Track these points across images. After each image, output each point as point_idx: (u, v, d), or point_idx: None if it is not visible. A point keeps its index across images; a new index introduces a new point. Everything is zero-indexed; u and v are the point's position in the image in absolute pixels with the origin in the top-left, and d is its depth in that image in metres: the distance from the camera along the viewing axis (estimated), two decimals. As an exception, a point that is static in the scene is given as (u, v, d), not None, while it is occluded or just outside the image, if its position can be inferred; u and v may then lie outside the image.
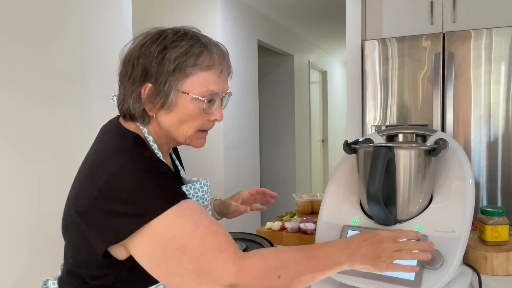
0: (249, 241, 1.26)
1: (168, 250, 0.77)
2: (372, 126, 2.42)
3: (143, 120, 0.91)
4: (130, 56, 0.89)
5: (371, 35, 2.61)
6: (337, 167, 1.13)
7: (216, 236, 0.78)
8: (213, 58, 0.90)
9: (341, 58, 7.01)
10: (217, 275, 0.76)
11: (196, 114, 0.89)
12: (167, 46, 0.86)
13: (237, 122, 3.77)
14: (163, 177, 0.81)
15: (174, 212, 0.77)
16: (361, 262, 0.81)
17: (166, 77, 0.86)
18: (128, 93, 0.89)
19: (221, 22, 3.51)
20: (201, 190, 0.99)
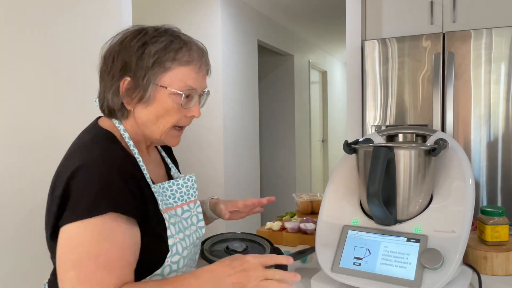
0: (249, 241, 1.26)
1: (69, 254, 0.78)
2: (372, 126, 2.42)
3: (122, 115, 0.92)
4: (110, 52, 0.91)
5: (371, 35, 2.61)
6: (337, 167, 1.13)
7: (105, 273, 0.77)
8: (192, 54, 0.91)
9: (341, 58, 7.01)
10: None
11: (173, 109, 0.90)
12: (147, 41, 0.88)
13: (237, 122, 3.77)
14: (115, 180, 0.80)
15: (94, 223, 0.78)
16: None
17: (145, 71, 0.87)
18: (108, 87, 0.90)
19: (221, 22, 3.51)
20: (185, 186, 1.00)
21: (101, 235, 0.78)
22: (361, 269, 0.94)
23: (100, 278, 0.77)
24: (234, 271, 0.80)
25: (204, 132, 3.57)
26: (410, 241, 0.94)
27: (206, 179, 3.59)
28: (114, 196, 0.80)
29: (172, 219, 0.92)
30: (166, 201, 0.94)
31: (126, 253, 0.81)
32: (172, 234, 0.90)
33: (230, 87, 3.64)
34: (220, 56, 3.49)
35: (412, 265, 0.91)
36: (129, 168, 0.85)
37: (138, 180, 0.86)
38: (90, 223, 0.78)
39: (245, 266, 0.80)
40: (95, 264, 0.77)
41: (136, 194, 0.84)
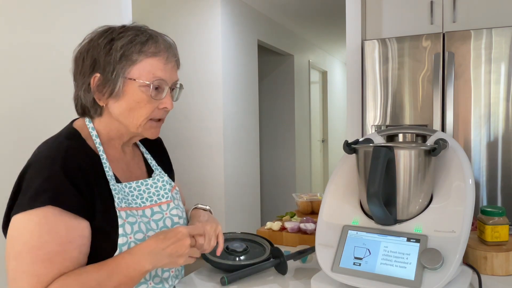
0: (249, 241, 1.26)
1: (10, 248, 0.81)
2: (372, 126, 2.42)
3: (95, 111, 0.94)
4: (80, 52, 0.94)
5: (371, 35, 2.61)
6: (337, 167, 1.13)
7: (43, 266, 0.79)
8: (158, 46, 0.92)
9: (341, 58, 7.01)
10: None
11: (144, 100, 0.91)
12: (114, 37, 0.90)
13: (237, 122, 3.77)
14: (59, 176, 0.82)
15: (35, 215, 0.80)
16: (166, 261, 0.86)
17: (113, 66, 0.89)
18: (80, 86, 0.93)
19: (221, 22, 3.51)
20: (154, 187, 1.00)
21: (42, 228, 0.80)
22: (361, 269, 0.94)
23: (38, 270, 0.79)
24: (170, 243, 0.86)
25: (204, 132, 3.57)
26: (410, 241, 0.94)
27: (206, 179, 3.59)
28: (54, 190, 0.81)
29: (131, 218, 0.91)
30: (129, 200, 0.93)
31: (68, 247, 0.82)
32: (125, 232, 0.89)
33: (230, 87, 3.64)
34: (220, 56, 3.49)
35: (412, 265, 0.91)
36: (76, 162, 0.86)
37: (88, 175, 0.87)
38: (32, 215, 0.80)
39: (179, 237, 0.87)
40: (35, 256, 0.79)
41: (81, 189, 0.84)
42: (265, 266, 1.11)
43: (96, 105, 0.93)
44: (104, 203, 0.88)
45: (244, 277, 1.08)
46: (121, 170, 0.98)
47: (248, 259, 1.16)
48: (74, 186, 0.83)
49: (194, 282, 1.09)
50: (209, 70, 3.54)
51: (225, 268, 1.13)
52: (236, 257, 1.16)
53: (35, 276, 0.79)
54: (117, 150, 0.99)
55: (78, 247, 0.84)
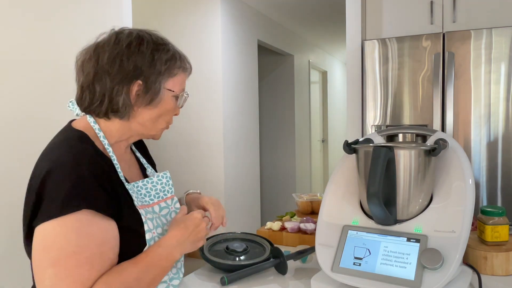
0: (249, 241, 1.26)
1: (46, 254, 0.80)
2: (372, 126, 2.42)
3: (123, 115, 0.95)
4: (115, 54, 0.93)
5: (371, 35, 2.61)
6: (337, 167, 1.13)
7: (86, 269, 0.80)
8: (186, 62, 1.03)
9: (341, 58, 7.01)
10: None
11: (172, 109, 1.00)
12: (155, 48, 0.95)
13: (237, 122, 3.77)
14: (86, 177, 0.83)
15: (70, 221, 0.80)
16: (190, 248, 0.95)
17: (156, 77, 0.94)
18: (114, 90, 0.92)
19: (221, 22, 3.51)
20: (160, 183, 1.03)
21: (79, 232, 0.81)
22: (361, 269, 0.94)
23: (81, 273, 0.80)
24: (191, 230, 0.94)
25: (204, 132, 3.57)
26: (410, 241, 0.94)
27: (206, 179, 3.59)
28: (85, 193, 0.82)
29: (149, 215, 0.95)
30: (141, 199, 0.97)
31: (105, 249, 0.84)
32: (149, 228, 0.93)
33: (230, 87, 3.64)
34: (220, 56, 3.49)
35: (412, 265, 0.91)
36: (99, 165, 0.88)
37: (110, 177, 0.89)
38: (65, 221, 0.80)
39: (196, 223, 0.95)
40: (75, 260, 0.79)
41: (108, 191, 0.86)
42: (265, 266, 1.11)
43: (130, 109, 0.95)
44: (127, 203, 0.91)
45: (244, 277, 1.08)
46: (125, 171, 1.01)
47: (248, 259, 1.16)
48: (102, 188, 0.85)
49: (194, 282, 1.09)
50: (209, 70, 3.53)
51: (225, 268, 1.13)
52: (236, 257, 1.16)
53: (78, 280, 0.79)
54: (122, 151, 1.02)
55: (112, 248, 0.86)
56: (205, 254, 1.15)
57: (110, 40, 0.95)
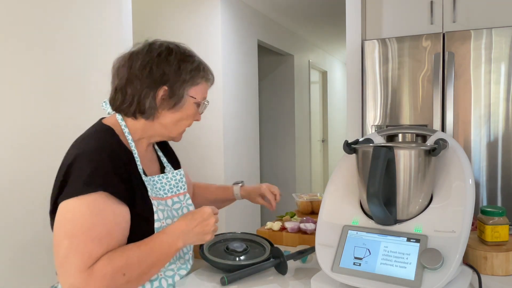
0: (249, 241, 1.26)
1: (62, 229, 0.92)
2: (372, 126, 2.42)
3: (148, 116, 1.07)
4: (146, 62, 1.05)
5: (371, 35, 2.61)
6: (337, 167, 1.13)
7: (94, 245, 0.90)
8: (210, 73, 1.15)
9: (341, 58, 7.01)
10: (71, 277, 0.89)
11: (192, 114, 1.11)
12: (182, 58, 1.08)
13: (237, 122, 3.77)
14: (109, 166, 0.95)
15: (87, 200, 0.92)
16: (195, 239, 1.01)
17: (181, 84, 1.06)
18: (143, 93, 1.05)
19: (221, 22, 3.51)
20: (173, 179, 1.14)
21: (93, 211, 0.92)
22: (361, 269, 0.94)
23: (90, 249, 0.90)
24: (197, 223, 1.01)
25: (204, 132, 3.57)
26: (410, 241, 0.94)
27: (206, 179, 3.59)
28: (103, 178, 0.93)
29: (161, 206, 1.05)
30: (156, 192, 1.07)
31: (115, 230, 0.94)
32: (159, 218, 1.03)
33: (230, 87, 3.64)
34: (220, 56, 3.49)
35: (412, 265, 0.91)
36: (119, 155, 0.99)
37: (128, 167, 1.00)
38: (84, 200, 0.91)
39: (204, 217, 1.02)
40: (87, 236, 0.90)
41: (124, 179, 0.97)
42: (265, 266, 1.11)
43: (154, 110, 1.06)
44: (141, 192, 1.02)
45: (244, 277, 1.08)
46: (145, 165, 1.11)
47: (248, 259, 1.16)
48: (119, 176, 0.96)
49: (194, 282, 1.09)
50: (209, 70, 3.53)
51: (225, 268, 1.13)
52: (236, 257, 1.16)
53: (86, 253, 0.89)
54: (143, 148, 1.13)
55: (122, 229, 0.96)
56: (205, 254, 1.15)
57: (143, 50, 1.07)
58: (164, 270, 1.06)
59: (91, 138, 1.02)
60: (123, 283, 0.92)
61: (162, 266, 1.00)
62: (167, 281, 1.05)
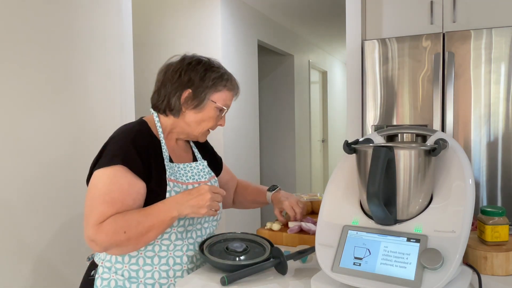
0: (249, 241, 1.26)
1: (89, 191, 1.15)
2: (372, 126, 2.42)
3: (175, 113, 1.25)
4: (178, 68, 1.25)
5: (371, 35, 2.61)
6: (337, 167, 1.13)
7: (106, 207, 1.10)
8: (233, 84, 1.31)
9: (341, 58, 7.01)
10: (88, 229, 1.10)
11: (213, 117, 1.27)
12: (208, 68, 1.25)
13: (237, 122, 3.77)
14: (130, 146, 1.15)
15: (109, 171, 1.13)
16: (190, 211, 1.12)
17: (204, 89, 1.23)
18: (170, 93, 1.24)
19: (221, 22, 3.51)
20: (196, 168, 1.31)
21: (112, 180, 1.12)
22: (361, 269, 0.94)
23: (103, 209, 1.10)
24: (192, 197, 1.13)
25: (204, 132, 3.56)
26: (410, 241, 0.94)
27: (206, 179, 3.58)
28: (125, 155, 1.14)
29: (177, 188, 1.21)
30: (179, 176, 1.24)
31: (127, 197, 1.13)
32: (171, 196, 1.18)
33: (230, 87, 3.64)
34: (220, 56, 3.49)
35: (412, 265, 0.91)
36: (144, 141, 1.19)
37: (150, 150, 1.19)
38: (107, 170, 1.13)
39: (200, 192, 1.13)
40: (103, 198, 1.11)
41: (144, 158, 1.16)
42: (265, 266, 1.11)
43: (180, 109, 1.24)
44: (159, 173, 1.19)
45: (244, 277, 1.08)
46: (175, 155, 1.29)
47: (248, 259, 1.16)
48: (138, 155, 1.15)
49: (194, 282, 1.09)
50: (209, 70, 3.53)
51: (225, 268, 1.13)
52: (236, 257, 1.16)
53: (100, 212, 1.10)
54: (173, 142, 1.31)
55: (133, 199, 1.14)
56: (205, 254, 1.15)
57: (179, 59, 1.28)
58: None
59: (125, 126, 1.25)
60: (123, 240, 1.10)
61: (158, 232, 1.13)
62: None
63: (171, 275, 1.19)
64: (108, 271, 1.19)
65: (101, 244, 1.10)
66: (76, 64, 2.13)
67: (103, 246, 1.11)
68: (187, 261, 1.22)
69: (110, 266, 1.19)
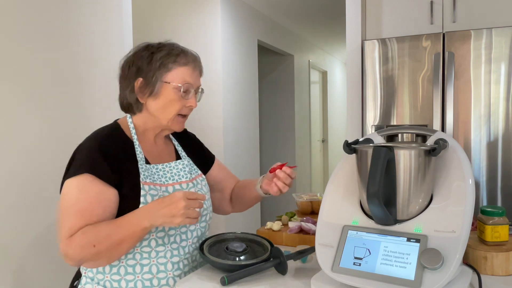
0: (249, 241, 1.26)
1: (59, 203, 1.10)
2: (372, 126, 2.42)
3: (137, 108, 1.19)
4: (126, 62, 1.19)
5: (371, 35, 2.61)
6: (337, 167, 1.13)
7: (75, 218, 1.06)
8: (188, 58, 1.19)
9: (341, 58, 7.01)
10: (60, 243, 1.06)
11: (175, 99, 1.16)
12: (154, 51, 1.17)
13: (237, 122, 3.77)
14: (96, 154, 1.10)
15: (76, 181, 1.08)
16: (162, 221, 1.03)
17: (153, 72, 1.14)
18: (125, 88, 1.18)
19: (221, 22, 3.51)
20: (175, 168, 1.22)
21: (79, 189, 1.08)
22: (361, 269, 0.94)
23: (71, 222, 1.05)
24: (165, 205, 1.03)
25: (204, 132, 3.57)
26: (410, 241, 0.94)
27: (206, 179, 3.58)
28: (92, 163, 1.08)
29: (153, 191, 1.13)
30: (155, 178, 1.16)
31: (96, 207, 1.07)
32: (146, 201, 1.11)
33: (230, 87, 3.64)
34: (220, 56, 3.49)
35: (412, 265, 0.91)
36: (112, 145, 1.13)
37: (120, 155, 1.13)
38: (74, 180, 1.08)
39: (173, 200, 1.03)
40: (71, 209, 1.07)
41: (112, 164, 1.10)
42: (265, 266, 1.11)
43: (138, 102, 1.17)
44: (131, 177, 1.12)
45: (244, 277, 1.08)
46: (153, 155, 1.22)
47: (248, 259, 1.16)
48: (106, 161, 1.09)
49: (194, 282, 1.09)
50: (209, 70, 3.53)
51: (225, 268, 1.13)
52: (236, 257, 1.16)
53: (69, 224, 1.06)
54: (150, 140, 1.23)
55: (103, 207, 1.08)
56: (205, 254, 1.15)
57: (129, 53, 1.21)
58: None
59: (95, 132, 1.19)
60: (93, 253, 1.05)
61: (131, 244, 1.07)
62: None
63: (156, 283, 1.13)
64: (91, 282, 1.15)
65: (72, 258, 1.06)
66: (76, 64, 2.13)
67: (75, 260, 1.06)
68: (172, 268, 1.15)
69: (92, 277, 1.15)
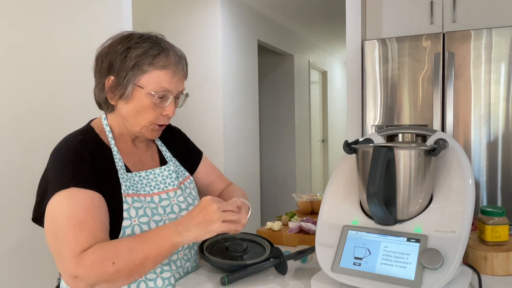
0: (249, 241, 1.26)
1: (48, 225, 0.93)
2: (372, 126, 2.42)
3: (107, 108, 1.05)
4: (100, 54, 1.03)
5: (371, 35, 2.61)
6: (337, 167, 1.13)
7: (77, 231, 0.89)
8: (168, 59, 1.01)
9: (341, 58, 7.01)
10: (65, 265, 0.89)
11: (149, 107, 1.00)
12: (131, 46, 0.99)
13: (237, 122, 3.77)
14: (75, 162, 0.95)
15: (63, 195, 0.92)
16: (197, 232, 0.91)
17: (126, 72, 0.98)
18: (96, 84, 1.04)
19: (221, 22, 3.51)
20: (160, 175, 1.08)
21: (70, 201, 0.91)
22: (361, 269, 0.94)
23: (73, 236, 0.89)
24: (195, 213, 0.92)
25: (204, 132, 3.57)
26: (410, 241, 0.94)
27: (206, 179, 3.59)
28: (73, 172, 0.94)
29: (137, 204, 1.00)
30: (138, 188, 1.03)
31: (96, 213, 0.93)
32: (129, 216, 0.98)
33: (230, 87, 3.64)
34: (220, 56, 3.49)
35: (412, 265, 0.91)
36: (89, 153, 0.98)
37: (96, 163, 0.98)
38: (61, 194, 0.92)
39: (203, 205, 0.92)
40: (67, 224, 0.90)
41: (94, 171, 0.96)
42: (265, 266, 1.11)
43: (108, 103, 1.03)
44: (111, 189, 0.97)
45: (244, 277, 1.08)
46: (133, 162, 1.07)
47: (248, 259, 1.16)
48: (88, 167, 0.95)
49: (194, 282, 1.09)
50: (209, 70, 3.53)
51: (225, 268, 1.13)
52: (236, 257, 1.16)
53: (71, 240, 0.89)
54: (129, 144, 1.09)
55: (104, 212, 0.94)
56: (205, 254, 1.15)
57: (105, 43, 1.05)
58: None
59: (65, 139, 1.03)
60: (112, 272, 0.88)
61: (155, 263, 0.92)
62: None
63: None
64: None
65: (85, 278, 0.87)
66: (75, 64, 2.13)
67: (88, 281, 0.88)
68: (163, 284, 1.03)
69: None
